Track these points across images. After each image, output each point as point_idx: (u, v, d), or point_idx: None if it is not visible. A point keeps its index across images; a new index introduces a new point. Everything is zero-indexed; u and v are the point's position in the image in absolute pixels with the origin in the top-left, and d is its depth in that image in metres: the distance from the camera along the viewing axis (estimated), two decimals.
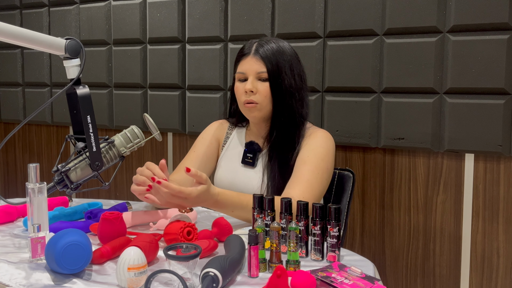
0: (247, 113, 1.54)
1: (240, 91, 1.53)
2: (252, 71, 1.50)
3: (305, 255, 1.16)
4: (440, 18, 1.79)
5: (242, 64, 1.53)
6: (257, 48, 1.51)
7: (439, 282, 1.91)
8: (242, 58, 1.54)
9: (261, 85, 1.50)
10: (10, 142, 3.08)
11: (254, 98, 1.50)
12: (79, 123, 1.25)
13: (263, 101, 1.50)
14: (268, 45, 1.51)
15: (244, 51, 1.54)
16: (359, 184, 2.02)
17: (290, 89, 1.50)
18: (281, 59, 1.50)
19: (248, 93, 1.50)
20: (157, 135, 1.38)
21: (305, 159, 1.48)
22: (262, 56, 1.49)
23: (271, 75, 1.49)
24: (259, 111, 1.51)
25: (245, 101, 1.51)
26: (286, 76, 1.50)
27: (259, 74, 1.49)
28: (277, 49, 1.51)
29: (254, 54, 1.50)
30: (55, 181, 1.24)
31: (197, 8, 2.30)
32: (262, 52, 1.50)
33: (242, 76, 1.52)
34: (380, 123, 1.93)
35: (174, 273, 0.90)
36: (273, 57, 1.49)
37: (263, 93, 1.50)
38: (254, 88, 1.49)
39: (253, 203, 1.23)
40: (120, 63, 2.54)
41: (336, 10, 1.97)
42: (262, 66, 1.49)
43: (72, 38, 1.23)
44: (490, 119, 1.74)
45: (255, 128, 1.62)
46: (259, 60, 1.50)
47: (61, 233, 1.00)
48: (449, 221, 1.87)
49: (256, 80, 1.50)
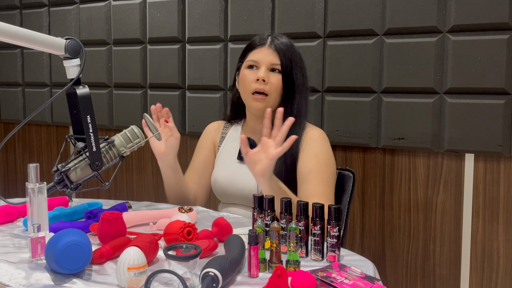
0: (253, 103, 1.51)
1: (249, 78, 1.51)
2: (266, 61, 1.50)
3: (305, 255, 1.16)
4: (440, 18, 1.79)
5: (255, 53, 1.52)
6: (272, 40, 1.52)
7: (439, 282, 1.91)
8: (255, 48, 1.53)
9: (273, 76, 1.49)
10: (10, 142, 3.08)
11: (265, 87, 1.48)
12: (79, 123, 1.25)
13: (274, 92, 1.49)
14: (282, 39, 1.52)
15: (257, 42, 1.54)
16: (359, 184, 2.02)
17: (300, 87, 1.51)
18: (294, 55, 1.51)
19: (260, 81, 1.48)
20: (157, 135, 1.38)
21: (311, 169, 1.47)
22: (277, 48, 1.50)
23: (284, 69, 1.49)
24: (267, 103, 1.50)
25: (255, 89, 1.49)
26: (298, 72, 1.51)
27: (272, 65, 1.49)
28: (291, 45, 1.53)
29: (270, 46, 1.51)
30: (55, 181, 1.24)
31: (197, 8, 2.30)
32: (277, 44, 1.50)
33: (253, 64, 1.51)
34: (380, 123, 1.93)
35: (174, 273, 0.90)
36: (287, 52, 1.50)
37: (274, 85, 1.49)
38: (266, 77, 1.48)
39: (253, 203, 1.23)
40: (120, 63, 2.54)
41: (336, 10, 1.97)
42: (277, 58, 1.49)
43: (72, 38, 1.23)
44: (490, 119, 1.74)
45: (253, 123, 1.61)
46: (274, 52, 1.50)
47: (61, 233, 1.00)
48: (449, 221, 1.87)
49: (268, 71, 1.50)
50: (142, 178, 2.58)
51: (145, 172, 2.57)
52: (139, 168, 2.59)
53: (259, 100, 1.50)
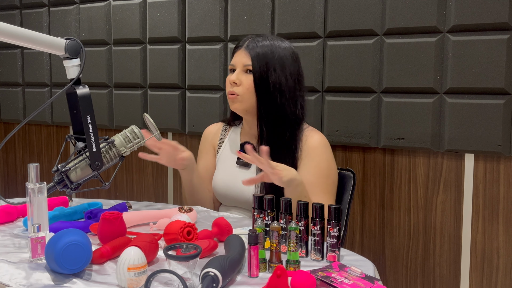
0: (230, 104, 1.57)
1: (227, 82, 1.57)
2: (239, 63, 1.53)
3: (305, 255, 1.16)
4: (440, 18, 1.79)
5: (234, 56, 1.57)
6: (248, 43, 1.54)
7: (439, 282, 1.91)
8: (235, 51, 1.58)
9: (245, 77, 1.52)
10: (10, 142, 3.08)
11: (236, 89, 1.52)
12: (79, 123, 1.25)
13: (245, 93, 1.52)
14: (261, 41, 1.53)
15: (238, 44, 1.58)
16: (359, 184, 2.02)
17: (278, 87, 1.50)
18: (270, 55, 1.51)
19: (232, 84, 1.53)
20: (157, 135, 1.38)
21: (312, 181, 1.47)
22: (250, 49, 1.52)
23: (255, 69, 1.50)
24: (240, 103, 1.53)
25: (228, 92, 1.55)
26: (274, 72, 1.50)
27: (245, 66, 1.52)
28: (269, 46, 1.52)
29: (245, 48, 1.54)
30: (55, 181, 1.24)
31: (197, 8, 2.30)
32: (251, 46, 1.53)
33: (232, 67, 1.57)
34: (380, 123, 1.93)
35: (174, 273, 0.90)
36: (261, 52, 1.51)
37: (245, 85, 1.51)
38: (237, 80, 1.52)
39: (253, 203, 1.24)
40: (120, 63, 2.54)
41: (336, 10, 1.97)
42: (249, 59, 1.51)
43: (72, 38, 1.23)
44: (490, 119, 1.74)
45: (248, 126, 1.62)
46: (247, 54, 1.52)
47: (61, 233, 1.00)
48: (449, 221, 1.87)
49: (242, 73, 1.53)
50: (142, 178, 2.58)
51: (145, 172, 2.57)
52: (139, 168, 2.60)
53: (232, 100, 1.54)
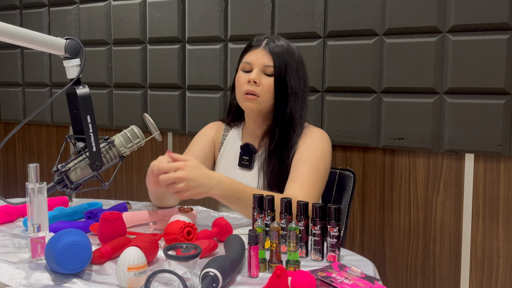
0: (245, 103, 1.51)
1: (243, 80, 1.51)
2: (259, 63, 1.49)
3: (305, 255, 1.16)
4: (440, 18, 1.79)
5: (250, 55, 1.52)
6: (268, 42, 1.51)
7: (439, 282, 1.91)
8: (250, 49, 1.53)
9: (265, 79, 1.49)
10: (10, 142, 3.08)
11: (256, 89, 1.48)
12: (79, 123, 1.25)
13: (265, 94, 1.49)
14: (279, 41, 1.51)
15: (254, 43, 1.54)
16: (359, 184, 2.02)
17: (294, 90, 1.50)
18: (289, 58, 1.50)
19: (251, 83, 1.48)
20: (157, 135, 1.38)
21: (303, 158, 1.46)
22: (271, 51, 1.49)
23: (277, 71, 1.48)
24: (258, 104, 1.49)
25: (246, 90, 1.49)
26: (292, 76, 1.49)
27: (265, 67, 1.49)
28: (287, 48, 1.51)
29: (264, 48, 1.50)
30: (55, 181, 1.24)
31: (197, 8, 2.30)
32: (272, 47, 1.49)
33: (248, 66, 1.51)
34: (380, 123, 1.93)
35: (174, 273, 0.90)
36: (282, 54, 1.49)
37: (265, 87, 1.48)
38: (258, 79, 1.48)
39: (253, 203, 1.23)
40: (120, 63, 2.54)
41: (336, 10, 1.97)
42: (270, 60, 1.48)
43: (72, 38, 1.23)
44: (490, 119, 1.74)
45: (252, 126, 1.60)
46: (268, 54, 1.49)
47: (61, 233, 1.00)
48: (449, 221, 1.87)
49: (261, 73, 1.49)
50: (142, 178, 2.58)
51: (145, 172, 2.56)
52: (139, 168, 2.59)
53: (250, 100, 1.49)
